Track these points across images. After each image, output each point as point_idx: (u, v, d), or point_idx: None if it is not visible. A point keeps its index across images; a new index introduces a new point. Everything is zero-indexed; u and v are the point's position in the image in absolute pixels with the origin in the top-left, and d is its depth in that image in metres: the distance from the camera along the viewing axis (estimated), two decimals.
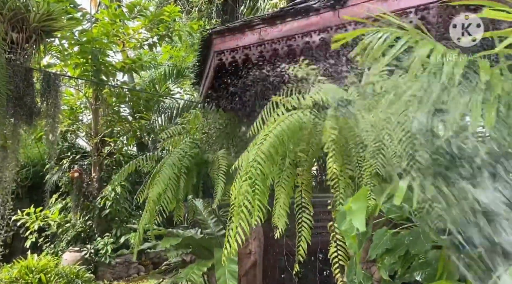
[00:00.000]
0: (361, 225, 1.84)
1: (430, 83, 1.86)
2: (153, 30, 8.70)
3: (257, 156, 2.59)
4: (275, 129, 2.68)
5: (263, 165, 2.58)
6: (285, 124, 2.71)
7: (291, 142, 2.79)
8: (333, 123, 2.68)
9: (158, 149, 6.30)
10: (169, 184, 4.48)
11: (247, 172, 2.58)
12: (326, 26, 3.45)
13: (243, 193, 2.55)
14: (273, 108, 3.19)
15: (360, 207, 1.92)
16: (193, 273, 4.61)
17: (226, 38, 4.04)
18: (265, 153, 2.60)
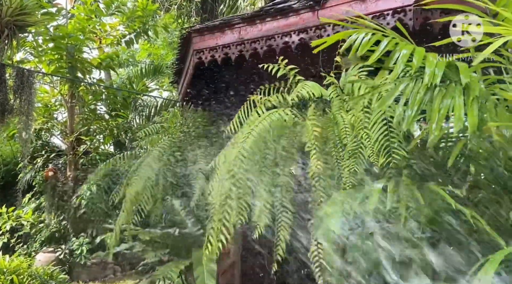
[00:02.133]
0: (337, 228, 1.85)
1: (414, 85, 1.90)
2: (129, 26, 8.57)
3: (240, 154, 2.58)
4: (257, 127, 2.68)
5: (246, 162, 2.57)
6: (267, 122, 2.71)
7: (272, 140, 2.79)
8: (315, 122, 2.71)
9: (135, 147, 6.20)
10: (148, 183, 4.42)
11: (229, 170, 2.57)
12: (306, 26, 3.47)
13: (225, 191, 2.54)
14: (250, 107, 3.19)
15: (335, 210, 1.94)
16: (171, 271, 4.57)
17: (206, 37, 4.02)
18: (248, 150, 2.59)
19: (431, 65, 1.81)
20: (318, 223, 2.25)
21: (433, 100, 1.85)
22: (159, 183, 4.58)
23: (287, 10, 3.55)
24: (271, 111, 2.88)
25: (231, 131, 3.22)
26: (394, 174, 2.58)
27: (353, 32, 2.00)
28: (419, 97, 1.88)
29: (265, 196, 2.86)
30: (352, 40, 1.97)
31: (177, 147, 4.91)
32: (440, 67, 1.80)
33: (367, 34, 1.96)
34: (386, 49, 1.93)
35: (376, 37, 1.94)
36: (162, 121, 6.39)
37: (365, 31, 1.99)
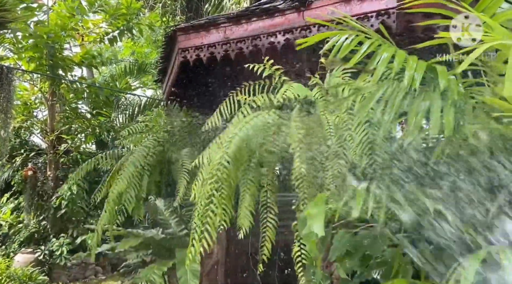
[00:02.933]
0: (319, 230, 1.86)
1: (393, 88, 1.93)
2: (113, 23, 8.46)
3: (223, 159, 2.57)
4: (240, 132, 2.67)
5: (229, 168, 2.56)
6: (251, 126, 2.71)
7: (256, 142, 2.79)
8: (299, 123, 2.72)
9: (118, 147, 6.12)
10: (132, 182, 4.37)
11: (212, 175, 2.55)
12: (291, 27, 3.49)
13: (208, 196, 2.52)
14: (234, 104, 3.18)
15: (319, 212, 1.94)
16: (153, 274, 4.53)
17: (191, 36, 4.00)
18: (231, 156, 2.58)
19: (411, 68, 1.83)
20: (302, 224, 2.26)
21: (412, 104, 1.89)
22: (143, 182, 4.53)
23: (273, 10, 3.56)
24: (255, 114, 2.88)
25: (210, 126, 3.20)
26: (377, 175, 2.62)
27: (335, 33, 2.02)
28: (398, 101, 1.91)
29: (249, 198, 2.86)
30: (334, 42, 1.98)
31: (161, 146, 4.87)
32: (420, 70, 1.82)
33: (349, 36, 1.97)
34: (369, 51, 1.95)
35: (358, 39, 1.95)
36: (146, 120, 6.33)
37: (348, 33, 2.00)
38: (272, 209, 2.90)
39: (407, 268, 2.18)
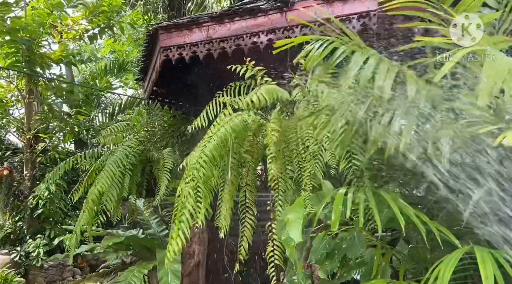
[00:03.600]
0: (297, 236, 1.87)
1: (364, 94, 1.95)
2: (93, 21, 8.31)
3: (200, 158, 2.56)
4: (219, 131, 2.66)
5: (206, 167, 2.56)
6: (229, 126, 2.70)
7: (235, 143, 2.79)
8: (276, 125, 2.72)
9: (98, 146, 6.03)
10: (114, 182, 4.31)
11: (189, 174, 2.54)
12: (274, 27, 3.50)
13: (185, 195, 2.51)
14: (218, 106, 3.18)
15: (296, 217, 1.95)
16: (134, 276, 4.48)
17: (173, 34, 3.97)
18: (208, 155, 2.58)
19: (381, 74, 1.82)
20: (279, 227, 2.27)
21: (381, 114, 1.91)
22: (125, 182, 4.48)
23: (256, 10, 3.56)
24: (235, 114, 2.88)
25: (198, 129, 3.20)
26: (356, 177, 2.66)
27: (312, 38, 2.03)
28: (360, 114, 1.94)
29: (228, 199, 2.86)
30: (307, 51, 1.99)
31: (143, 146, 4.82)
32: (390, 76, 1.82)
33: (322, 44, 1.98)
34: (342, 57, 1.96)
35: (331, 47, 1.96)
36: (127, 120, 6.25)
37: (323, 38, 2.01)
38: (250, 209, 2.91)
39: (386, 268, 2.21)
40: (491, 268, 1.38)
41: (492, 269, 1.38)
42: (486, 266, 1.39)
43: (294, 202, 2.16)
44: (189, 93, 5.18)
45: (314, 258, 2.36)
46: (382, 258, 2.24)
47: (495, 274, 1.37)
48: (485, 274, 1.36)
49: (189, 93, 5.17)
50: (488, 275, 1.35)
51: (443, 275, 1.44)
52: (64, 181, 8.29)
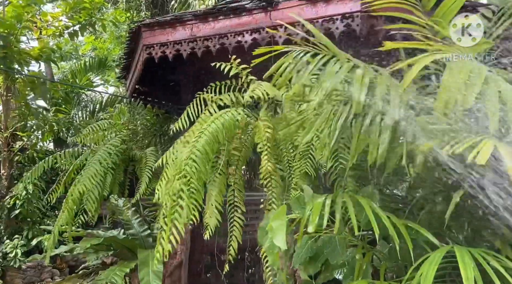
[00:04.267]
0: (282, 243, 1.88)
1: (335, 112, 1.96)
2: (74, 17, 8.14)
3: (192, 153, 2.54)
4: (209, 127, 2.65)
5: (198, 163, 2.54)
6: (220, 122, 2.70)
7: (225, 140, 2.79)
8: (268, 122, 2.73)
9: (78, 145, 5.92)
10: (96, 181, 4.24)
11: (181, 170, 2.52)
12: (258, 26, 3.50)
13: (176, 192, 2.49)
14: (201, 104, 3.16)
15: (280, 225, 1.96)
16: (115, 275, 4.41)
17: (156, 32, 3.93)
18: (201, 150, 2.56)
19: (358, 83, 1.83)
20: (262, 233, 2.27)
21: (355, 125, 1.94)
22: (107, 181, 4.41)
23: (240, 9, 3.56)
24: (224, 110, 2.87)
25: (179, 128, 3.17)
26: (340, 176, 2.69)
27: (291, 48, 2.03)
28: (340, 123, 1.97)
29: (216, 196, 2.85)
30: (277, 66, 2.00)
31: (125, 145, 4.76)
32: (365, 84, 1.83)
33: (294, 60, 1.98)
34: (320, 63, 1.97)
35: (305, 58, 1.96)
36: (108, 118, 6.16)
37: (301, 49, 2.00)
38: (239, 208, 2.90)
39: (367, 267, 2.24)
40: (471, 269, 1.41)
41: (472, 269, 1.41)
42: (466, 266, 1.42)
43: (277, 210, 2.17)
44: (172, 92, 5.13)
45: (297, 263, 2.38)
46: (363, 258, 2.26)
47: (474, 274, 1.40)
48: (465, 275, 1.39)
49: (172, 92, 5.13)
50: (468, 276, 1.38)
51: (426, 275, 1.47)
52: (43, 181, 8.11)
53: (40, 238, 7.60)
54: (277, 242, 1.90)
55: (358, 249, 2.29)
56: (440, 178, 2.06)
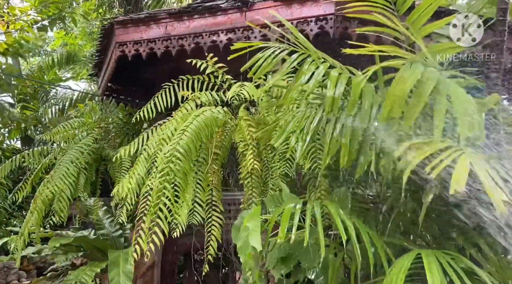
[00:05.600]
0: (257, 244, 1.90)
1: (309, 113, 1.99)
2: (43, 11, 7.90)
3: (176, 151, 2.52)
4: (192, 124, 2.63)
5: (183, 160, 2.52)
6: (202, 119, 2.68)
7: (206, 138, 2.77)
8: (251, 122, 2.74)
9: (47, 143, 5.74)
10: (68, 181, 4.13)
11: (164, 167, 2.49)
12: (234, 27, 3.50)
13: (159, 189, 2.46)
14: (170, 98, 3.13)
15: (255, 225, 1.98)
16: (85, 275, 4.31)
17: (129, 30, 3.87)
18: (185, 148, 2.54)
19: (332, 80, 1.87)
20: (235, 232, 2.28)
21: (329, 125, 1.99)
22: (80, 181, 4.31)
23: (216, 9, 3.55)
24: (204, 108, 2.86)
25: (144, 118, 3.13)
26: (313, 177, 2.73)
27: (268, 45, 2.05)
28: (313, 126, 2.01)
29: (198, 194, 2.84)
30: (255, 60, 2.02)
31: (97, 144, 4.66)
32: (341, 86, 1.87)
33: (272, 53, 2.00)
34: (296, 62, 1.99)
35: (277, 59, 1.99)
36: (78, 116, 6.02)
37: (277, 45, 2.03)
38: (217, 207, 2.89)
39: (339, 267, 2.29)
40: (438, 274, 1.47)
41: (438, 275, 1.47)
42: (433, 273, 1.48)
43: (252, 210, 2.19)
44: (146, 90, 5.06)
45: (271, 264, 2.40)
46: (335, 258, 2.31)
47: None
48: (431, 281, 1.45)
49: (146, 91, 5.06)
50: (434, 282, 1.44)
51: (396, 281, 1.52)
52: (10, 180, 7.84)
53: (6, 239, 7.34)
54: (252, 242, 1.92)
55: (330, 249, 2.33)
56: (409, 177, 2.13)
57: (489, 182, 1.30)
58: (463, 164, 1.37)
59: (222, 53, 3.41)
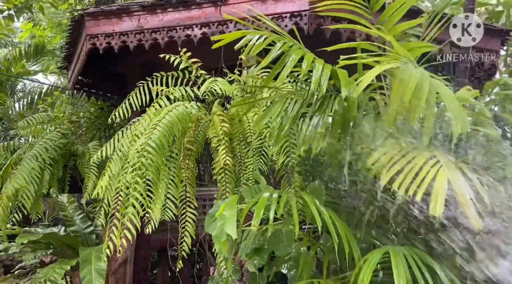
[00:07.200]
0: (232, 232, 1.91)
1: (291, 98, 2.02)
2: (9, 1, 7.61)
3: (147, 146, 2.48)
4: (164, 119, 2.60)
5: (154, 155, 2.49)
6: (174, 114, 2.65)
7: (179, 133, 2.75)
8: (224, 117, 2.73)
9: (14, 138, 5.55)
10: (31, 178, 4.01)
11: (134, 163, 2.45)
12: (208, 21, 3.48)
13: (130, 184, 2.42)
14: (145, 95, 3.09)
15: (231, 213, 1.99)
16: (54, 272, 4.20)
17: (101, 22, 3.78)
18: (157, 142, 2.51)
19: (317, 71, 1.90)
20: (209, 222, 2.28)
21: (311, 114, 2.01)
22: (45, 178, 4.18)
23: (190, 2, 3.52)
24: (177, 103, 2.83)
25: (120, 117, 3.08)
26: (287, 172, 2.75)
27: (249, 33, 2.06)
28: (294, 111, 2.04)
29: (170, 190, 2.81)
30: (247, 40, 2.03)
31: (66, 139, 4.53)
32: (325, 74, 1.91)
33: (261, 36, 2.02)
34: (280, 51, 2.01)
35: (270, 39, 2.01)
36: (46, 110, 5.84)
37: (262, 33, 2.05)
38: (191, 203, 2.88)
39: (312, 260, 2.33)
40: (404, 273, 1.53)
41: (404, 273, 1.53)
42: (400, 273, 1.53)
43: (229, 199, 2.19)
44: (118, 84, 4.97)
45: (243, 254, 2.42)
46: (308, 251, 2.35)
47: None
48: (398, 280, 1.51)
49: (119, 85, 4.96)
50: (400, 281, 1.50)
51: (363, 278, 1.57)
52: None
53: None
54: (228, 230, 1.93)
55: (303, 242, 2.36)
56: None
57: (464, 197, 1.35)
58: (441, 181, 1.40)
59: (197, 47, 3.39)
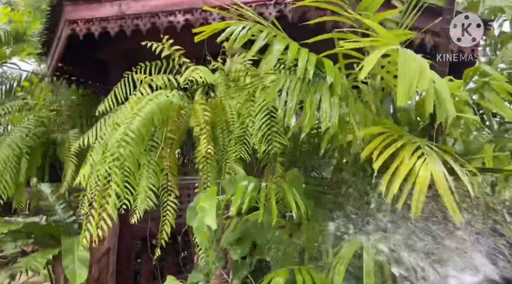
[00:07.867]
0: (212, 223, 1.93)
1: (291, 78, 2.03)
2: None
3: (126, 135, 2.45)
4: (144, 108, 2.56)
5: (132, 145, 2.45)
6: (155, 103, 2.62)
7: (159, 122, 2.71)
8: (205, 106, 2.72)
9: None
10: (8, 166, 3.93)
11: (113, 152, 2.42)
12: (191, 7, 3.42)
13: (107, 175, 2.39)
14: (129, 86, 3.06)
15: (211, 205, 2.00)
16: (36, 261, 4.15)
17: (80, 7, 3.69)
18: (135, 132, 2.47)
19: (303, 60, 1.95)
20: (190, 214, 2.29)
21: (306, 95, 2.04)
22: (22, 166, 4.11)
23: None
24: (158, 92, 2.79)
25: (107, 109, 3.04)
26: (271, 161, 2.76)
27: (232, 24, 2.04)
28: (296, 92, 2.04)
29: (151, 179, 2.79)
30: (230, 32, 2.02)
31: (45, 127, 4.44)
32: (311, 62, 1.95)
33: (244, 27, 2.01)
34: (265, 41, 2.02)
35: (253, 30, 2.00)
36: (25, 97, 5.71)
37: (244, 23, 2.04)
38: (172, 192, 2.87)
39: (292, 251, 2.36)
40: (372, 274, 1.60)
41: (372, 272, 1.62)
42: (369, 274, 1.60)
43: (208, 191, 2.19)
44: (99, 71, 4.87)
45: (226, 243, 2.43)
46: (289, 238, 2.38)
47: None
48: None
49: (100, 72, 4.87)
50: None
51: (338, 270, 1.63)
52: None
53: None
54: (207, 222, 1.94)
55: (285, 230, 2.39)
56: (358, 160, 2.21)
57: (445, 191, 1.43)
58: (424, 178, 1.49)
59: (180, 34, 3.34)
